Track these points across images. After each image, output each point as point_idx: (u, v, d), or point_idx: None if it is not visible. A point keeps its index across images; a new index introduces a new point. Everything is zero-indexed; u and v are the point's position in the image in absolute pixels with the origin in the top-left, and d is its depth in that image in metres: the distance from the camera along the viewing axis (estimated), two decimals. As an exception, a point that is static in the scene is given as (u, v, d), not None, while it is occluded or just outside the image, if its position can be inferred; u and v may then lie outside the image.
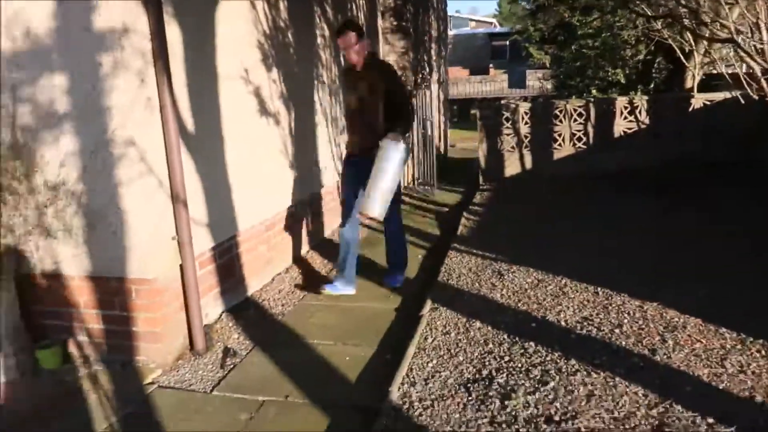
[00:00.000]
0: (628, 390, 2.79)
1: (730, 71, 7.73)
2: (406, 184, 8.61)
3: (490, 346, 3.38)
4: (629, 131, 8.22)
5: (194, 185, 3.79)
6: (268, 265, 4.84)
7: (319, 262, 5.35)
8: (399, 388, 2.98)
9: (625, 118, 8.19)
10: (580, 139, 8.28)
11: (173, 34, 3.56)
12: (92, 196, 3.38)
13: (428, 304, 4.04)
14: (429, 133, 8.64)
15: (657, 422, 2.53)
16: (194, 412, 3.00)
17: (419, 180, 8.76)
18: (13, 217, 3.17)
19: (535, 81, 24.68)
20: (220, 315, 4.09)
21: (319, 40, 6.05)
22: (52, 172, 3.38)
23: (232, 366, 3.47)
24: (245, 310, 4.23)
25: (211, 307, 4.01)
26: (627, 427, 2.51)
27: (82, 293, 3.53)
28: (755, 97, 5.67)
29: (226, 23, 4.17)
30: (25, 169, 3.29)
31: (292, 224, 5.31)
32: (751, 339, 3.19)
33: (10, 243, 3.21)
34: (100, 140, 3.32)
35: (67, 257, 3.48)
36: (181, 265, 3.55)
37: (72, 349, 3.60)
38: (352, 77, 4.32)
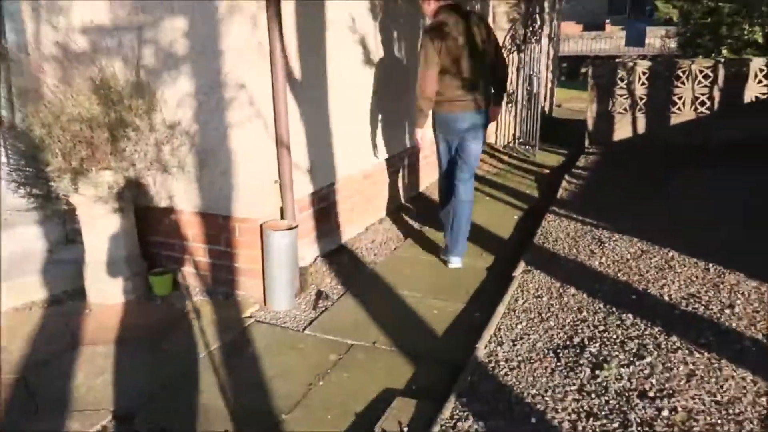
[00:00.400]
0: (734, 374, 2.60)
1: None
2: (506, 143, 8.36)
3: (584, 314, 3.26)
4: (763, 97, 7.43)
5: (298, 131, 3.87)
6: (364, 215, 4.92)
7: (413, 216, 5.36)
8: (486, 346, 2.96)
9: (760, 82, 7.40)
10: (703, 104, 7.61)
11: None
12: (204, 136, 3.56)
13: (521, 266, 3.95)
14: (535, 90, 8.28)
15: (766, 411, 2.35)
16: (288, 348, 3.15)
17: (520, 139, 8.47)
18: (135, 152, 3.41)
19: (656, 39, 22.78)
20: (315, 259, 4.23)
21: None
22: (169, 111, 3.58)
23: (323, 308, 3.60)
24: (339, 256, 4.35)
25: (307, 250, 4.14)
26: (730, 412, 2.35)
27: (191, 227, 3.77)
28: None
29: (336, -31, 4.14)
30: (147, 107, 3.50)
31: (388, 176, 5.33)
32: None
33: (131, 176, 3.46)
34: (214, 82, 3.45)
35: (179, 193, 3.72)
36: (281, 208, 3.69)
37: (180, 278, 3.88)
38: (457, 29, 3.86)
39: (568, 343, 2.97)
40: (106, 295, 3.61)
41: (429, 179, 6.31)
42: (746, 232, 4.36)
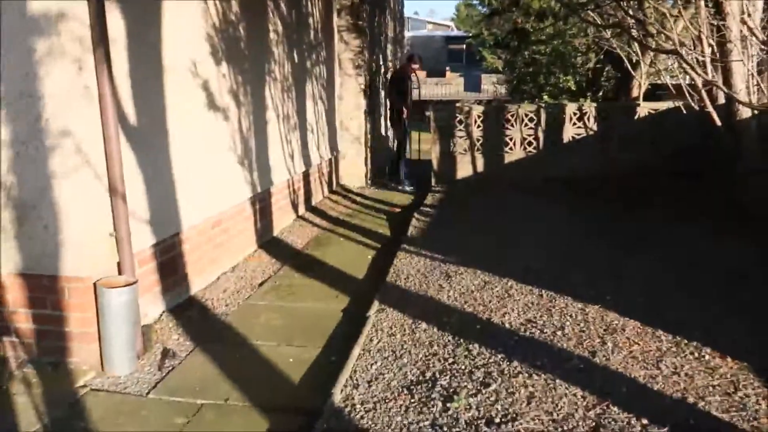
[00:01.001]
0: (567, 392, 2.83)
1: (673, 82, 8.01)
2: (360, 185, 8.58)
3: (435, 348, 3.38)
4: (578, 137, 8.42)
5: (135, 179, 3.65)
6: (213, 264, 4.71)
7: (266, 261, 5.25)
8: (342, 390, 2.94)
9: (575, 124, 8.38)
10: (530, 144, 8.43)
11: (115, 21, 3.43)
12: (23, 189, 3.21)
13: (375, 305, 4.01)
14: (383, 133, 8.61)
15: (594, 423, 2.57)
16: (128, 416, 2.88)
17: (371, 180, 8.74)
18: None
19: (491, 85, 25.02)
20: (161, 315, 3.95)
21: (272, 35, 5.95)
22: (-21, 162, 3.19)
23: (170, 368, 3.36)
24: (187, 310, 4.11)
25: (151, 306, 3.86)
26: (565, 428, 2.54)
27: (11, 291, 3.34)
28: (696, 107, 5.89)
29: (173, 14, 4.04)
30: (-51, 158, 3.09)
31: (239, 222, 5.19)
32: (686, 341, 3.29)
33: (-71, 236, 3.01)
34: (33, 129, 3.15)
35: (-6, 252, 3.29)
36: (118, 263, 3.41)
37: (0, 349, 3.41)
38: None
39: (420, 378, 3.05)
40: None
41: (283, 223, 6.25)
42: (570, 259, 4.84)
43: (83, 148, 3.20)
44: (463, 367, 3.13)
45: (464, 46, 35.22)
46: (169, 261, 4.07)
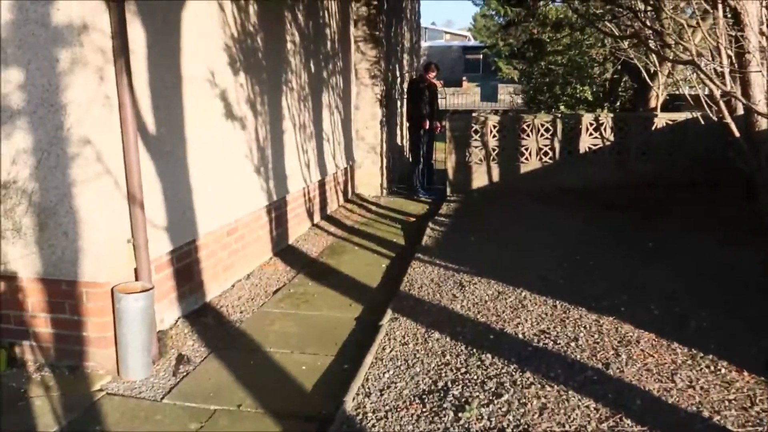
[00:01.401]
0: (580, 403, 2.81)
1: (691, 93, 7.94)
2: (376, 194, 8.61)
3: (448, 357, 3.37)
4: (595, 147, 8.38)
5: (153, 187, 3.71)
6: (229, 271, 4.76)
7: (281, 269, 5.28)
8: (354, 399, 2.95)
9: (591, 134, 8.34)
10: (546, 154, 8.40)
11: (136, 33, 3.50)
12: (44, 195, 3.28)
13: (388, 314, 4.02)
14: (399, 143, 8.64)
15: (607, 436, 2.55)
16: (142, 421, 2.91)
17: (387, 189, 8.77)
18: (-42, 214, 3.06)
19: (507, 95, 24.98)
20: (176, 321, 4.00)
21: (290, 45, 6.03)
22: (2, 168, 3.27)
23: (185, 373, 3.39)
24: (202, 317, 4.15)
25: (167, 312, 3.91)
26: (577, 440, 2.53)
27: (30, 295, 3.41)
28: (714, 118, 5.83)
29: (192, 25, 4.12)
30: (-26, 165, 3.17)
31: (255, 229, 5.24)
32: (702, 354, 3.25)
33: (-46, 241, 3.09)
34: (55, 137, 3.22)
35: (15, 257, 3.37)
36: (135, 269, 3.46)
37: (18, 353, 3.47)
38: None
39: (432, 387, 3.05)
40: None
41: (298, 231, 6.30)
42: (584, 269, 4.81)
43: (103, 157, 3.26)
44: (475, 377, 3.12)
45: (481, 56, 35.27)
46: (186, 268, 4.12)
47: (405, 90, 9.75)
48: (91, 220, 3.28)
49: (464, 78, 33.20)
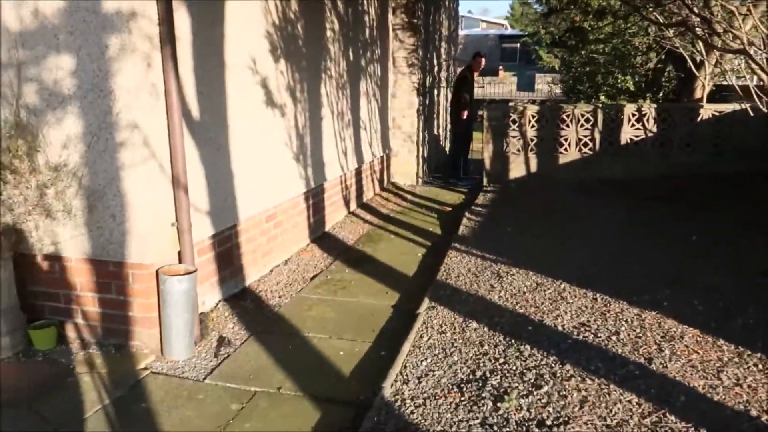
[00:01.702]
0: (622, 398, 2.77)
1: (740, 83, 7.67)
2: (411, 183, 8.60)
3: (486, 347, 3.36)
4: (636, 139, 8.18)
5: (197, 172, 3.78)
6: (267, 257, 4.83)
7: (318, 255, 5.33)
8: (392, 385, 2.97)
9: (633, 125, 8.14)
10: (586, 145, 8.24)
11: (182, 20, 3.55)
12: (93, 179, 3.37)
13: (425, 302, 4.02)
14: (435, 132, 8.59)
15: (649, 431, 2.51)
16: (186, 399, 2.99)
17: (422, 178, 8.74)
18: (13, 195, 3.16)
19: (545, 85, 24.58)
20: (217, 304, 4.08)
21: (329, 33, 6.03)
22: (54, 152, 3.37)
23: (226, 355, 3.46)
24: (242, 300, 4.22)
25: (208, 295, 3.99)
26: (619, 434, 2.49)
27: (79, 275, 3.52)
28: (765, 109, 5.62)
29: (235, 12, 4.15)
30: (28, 148, 3.28)
31: (293, 216, 5.29)
32: (749, 352, 3.16)
33: (9, 222, 3.20)
34: (104, 122, 3.30)
35: (65, 238, 3.47)
36: (179, 252, 3.54)
37: (67, 331, 3.59)
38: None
39: (471, 377, 3.04)
40: (-23, 354, 3.27)
41: (335, 218, 6.33)
42: (625, 262, 4.71)
43: (149, 141, 3.33)
44: (514, 368, 3.10)
45: (518, 45, 34.73)
46: (226, 252, 4.19)
47: (442, 79, 9.69)
48: (138, 204, 3.36)
49: (500, 67, 32.76)
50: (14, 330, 3.38)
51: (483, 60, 8.99)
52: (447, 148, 10.57)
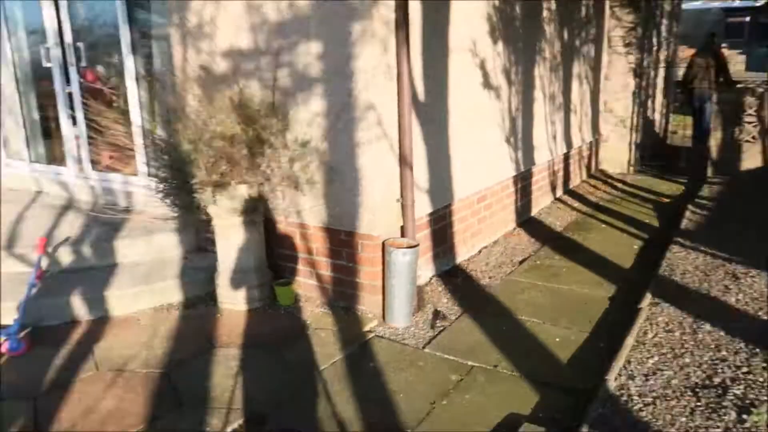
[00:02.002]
0: None
1: None
2: (621, 171, 8.05)
3: (724, 353, 3.04)
4: None
5: (419, 152, 3.94)
6: (476, 237, 4.89)
7: (525, 240, 5.26)
8: (616, 379, 2.84)
9: None
10: None
11: (412, 4, 3.69)
12: (333, 154, 3.70)
13: (647, 298, 3.75)
14: (651, 117, 7.90)
15: None
16: (408, 365, 3.18)
17: (634, 166, 8.12)
18: (269, 168, 3.61)
19: (780, 64, 21.12)
20: (431, 278, 4.25)
21: (545, 12, 5.85)
22: (300, 129, 3.76)
23: (441, 328, 3.60)
24: (453, 277, 4.35)
25: (423, 269, 4.18)
26: None
27: (315, 241, 3.92)
28: None
29: (462, -6, 4.22)
30: (281, 125, 3.71)
31: (502, 199, 5.28)
32: None
33: (265, 190, 3.67)
34: (344, 102, 3.60)
35: (305, 208, 3.88)
36: (402, 227, 3.75)
37: (303, 290, 4.03)
38: None
39: (707, 382, 2.78)
40: (235, 301, 3.82)
41: (541, 204, 6.19)
42: None
43: (382, 121, 3.56)
44: (761, 379, 2.77)
45: (747, 19, 30.26)
46: (440, 230, 4.34)
47: (661, 59, 8.87)
48: (370, 179, 3.61)
49: (725, 45, 28.90)
50: (262, 285, 3.88)
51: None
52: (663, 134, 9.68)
